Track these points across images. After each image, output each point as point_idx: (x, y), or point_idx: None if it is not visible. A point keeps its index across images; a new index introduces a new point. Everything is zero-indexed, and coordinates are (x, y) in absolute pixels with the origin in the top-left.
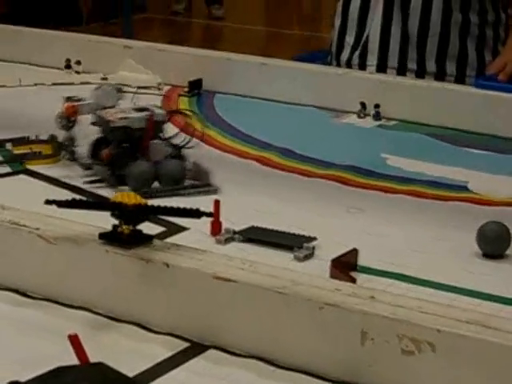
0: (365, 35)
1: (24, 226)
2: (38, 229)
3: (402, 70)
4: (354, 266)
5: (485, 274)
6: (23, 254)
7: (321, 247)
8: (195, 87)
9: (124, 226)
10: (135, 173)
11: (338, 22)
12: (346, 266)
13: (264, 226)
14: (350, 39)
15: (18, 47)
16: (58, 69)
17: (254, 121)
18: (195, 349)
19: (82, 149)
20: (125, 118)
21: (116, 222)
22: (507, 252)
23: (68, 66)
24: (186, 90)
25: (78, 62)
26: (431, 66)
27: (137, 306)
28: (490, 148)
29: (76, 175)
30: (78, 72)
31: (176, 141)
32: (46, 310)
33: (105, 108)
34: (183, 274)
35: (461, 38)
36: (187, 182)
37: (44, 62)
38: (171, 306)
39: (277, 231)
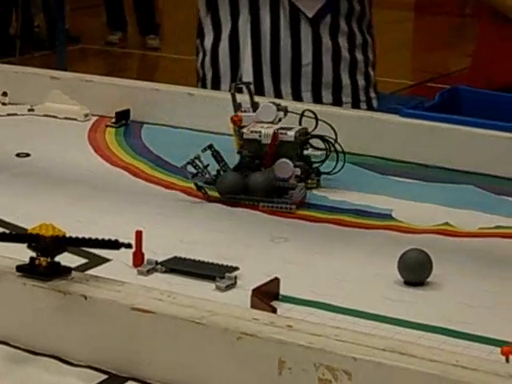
0: (237, 78)
1: None
2: None
3: None
4: (276, 296)
5: (406, 301)
6: None
7: (243, 277)
8: (122, 118)
9: (42, 258)
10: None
11: (209, 74)
12: (267, 296)
13: (188, 256)
14: (225, 87)
15: None
16: None
17: (180, 151)
18: (113, 381)
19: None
20: (256, 132)
21: (33, 254)
22: (428, 279)
23: None
24: (113, 120)
25: (5, 94)
26: (307, 97)
27: (55, 339)
28: (413, 176)
29: None
30: (4, 103)
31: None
32: None
33: (261, 122)
34: (101, 306)
35: (333, 64)
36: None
37: None
38: (89, 339)
39: (199, 261)
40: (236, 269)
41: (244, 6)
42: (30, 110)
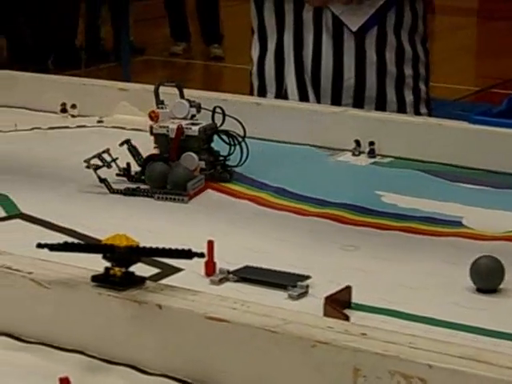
0: (283, 91)
1: (17, 270)
2: (30, 273)
3: None
4: (348, 304)
5: (478, 308)
6: (17, 299)
7: (315, 285)
8: None
9: (116, 269)
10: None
11: (256, 83)
12: (339, 304)
13: (258, 265)
14: (271, 96)
15: (13, 92)
16: (54, 113)
17: (248, 160)
18: None
19: None
20: (164, 127)
21: (108, 264)
22: (500, 286)
23: (64, 110)
24: None
25: (74, 106)
26: None
27: (130, 348)
28: (484, 183)
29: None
30: (73, 116)
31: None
32: (40, 353)
33: (176, 118)
34: (176, 315)
35: (378, 78)
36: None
37: (40, 107)
38: (164, 347)
39: (271, 270)
40: (308, 277)
41: (289, 19)
42: (98, 122)
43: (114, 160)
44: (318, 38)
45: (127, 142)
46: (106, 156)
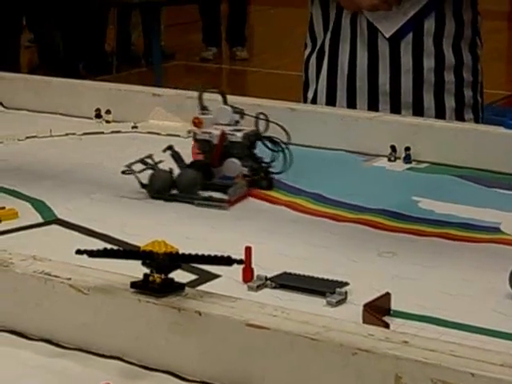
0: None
1: (56, 276)
2: (69, 279)
3: None
4: (387, 311)
5: None
6: (55, 305)
7: (353, 292)
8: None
9: (155, 275)
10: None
11: (303, 78)
12: (378, 311)
13: (296, 271)
14: (310, 94)
15: (48, 98)
16: (89, 118)
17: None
18: None
19: None
20: (207, 133)
21: (147, 270)
22: None
23: (98, 116)
24: None
25: (108, 112)
26: None
27: (169, 355)
28: None
29: None
30: (108, 121)
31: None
32: (79, 359)
33: (219, 124)
34: (215, 322)
35: (414, 84)
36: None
37: (74, 112)
38: (204, 354)
39: (309, 277)
40: (346, 284)
41: (331, 24)
42: (133, 128)
43: (157, 163)
44: (353, 43)
45: (170, 147)
46: (149, 161)
